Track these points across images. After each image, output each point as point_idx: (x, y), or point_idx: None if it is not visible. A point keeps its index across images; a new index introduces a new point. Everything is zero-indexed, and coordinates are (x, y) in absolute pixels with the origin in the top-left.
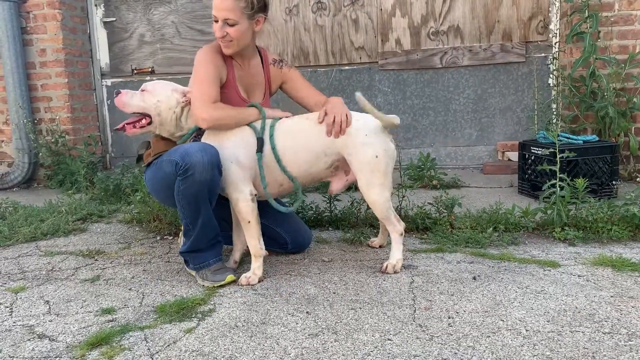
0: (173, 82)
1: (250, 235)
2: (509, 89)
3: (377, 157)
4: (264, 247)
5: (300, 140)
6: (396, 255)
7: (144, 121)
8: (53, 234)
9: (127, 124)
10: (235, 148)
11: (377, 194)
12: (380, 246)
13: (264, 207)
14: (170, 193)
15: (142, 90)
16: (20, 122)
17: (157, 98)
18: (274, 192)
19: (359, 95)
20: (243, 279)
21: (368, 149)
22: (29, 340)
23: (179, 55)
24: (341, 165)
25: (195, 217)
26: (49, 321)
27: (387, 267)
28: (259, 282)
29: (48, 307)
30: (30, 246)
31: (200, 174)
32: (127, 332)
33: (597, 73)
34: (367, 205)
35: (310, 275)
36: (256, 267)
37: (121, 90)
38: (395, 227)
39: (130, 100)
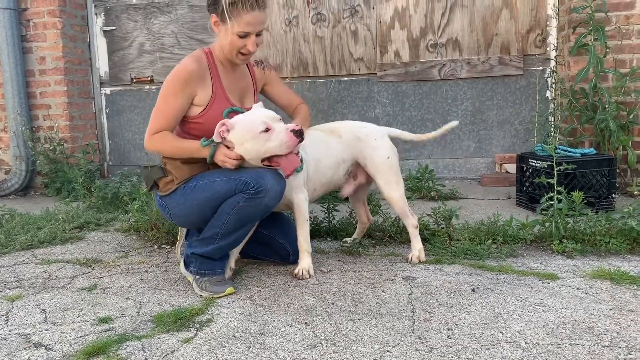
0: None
1: (306, 232)
2: (506, 102)
3: (389, 157)
4: None
5: (322, 150)
6: (417, 246)
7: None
8: (50, 242)
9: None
10: None
11: (395, 191)
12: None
13: (268, 219)
14: (209, 213)
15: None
16: (18, 129)
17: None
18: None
19: None
20: (304, 272)
21: (381, 152)
22: (25, 349)
23: None
24: (353, 170)
25: (233, 232)
26: (45, 330)
27: (412, 258)
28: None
29: (44, 316)
30: (27, 254)
31: (270, 199)
32: (124, 342)
33: (599, 86)
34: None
35: (308, 285)
36: (310, 261)
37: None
38: (411, 221)
39: None
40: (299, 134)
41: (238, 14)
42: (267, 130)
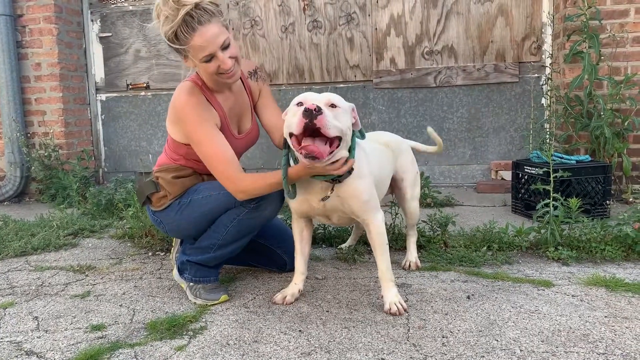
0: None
1: (388, 258)
2: (502, 109)
3: (417, 172)
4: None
5: (385, 164)
6: (415, 253)
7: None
8: (43, 248)
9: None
10: None
11: (417, 205)
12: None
13: (265, 228)
14: (205, 225)
15: (332, 106)
16: (13, 135)
17: (347, 117)
18: None
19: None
20: (395, 306)
21: (415, 166)
22: (17, 357)
23: (174, 71)
24: None
25: (232, 242)
26: (38, 337)
27: (409, 264)
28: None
29: (37, 323)
30: (20, 261)
31: (271, 212)
32: (117, 349)
33: (593, 93)
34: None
35: (303, 292)
36: (396, 291)
37: (322, 110)
38: (415, 233)
39: (333, 121)
40: (308, 114)
41: (187, 42)
42: (299, 104)
